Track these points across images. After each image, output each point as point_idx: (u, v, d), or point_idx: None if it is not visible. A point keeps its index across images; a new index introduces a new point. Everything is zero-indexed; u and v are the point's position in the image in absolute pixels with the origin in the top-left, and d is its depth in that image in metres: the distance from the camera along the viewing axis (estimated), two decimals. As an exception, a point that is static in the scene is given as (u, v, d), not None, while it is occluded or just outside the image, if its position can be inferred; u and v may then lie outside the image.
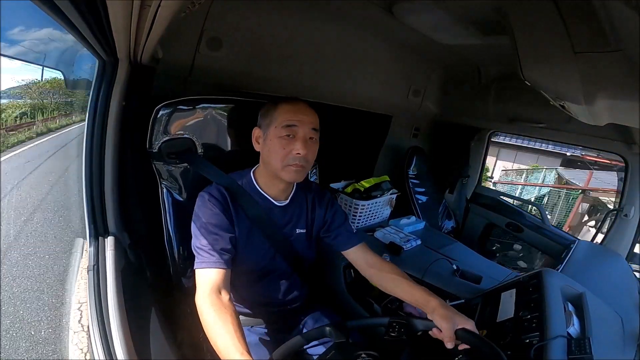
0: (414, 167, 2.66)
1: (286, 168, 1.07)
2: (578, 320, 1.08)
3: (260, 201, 1.14)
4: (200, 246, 1.02)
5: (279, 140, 1.06)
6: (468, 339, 0.91)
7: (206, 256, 1.00)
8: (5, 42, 1.40)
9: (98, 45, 0.99)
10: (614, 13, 0.54)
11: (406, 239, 1.93)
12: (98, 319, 0.91)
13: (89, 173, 1.16)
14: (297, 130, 1.06)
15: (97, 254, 1.11)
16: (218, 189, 1.10)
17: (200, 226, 1.05)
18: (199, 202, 1.09)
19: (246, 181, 1.16)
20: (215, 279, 0.98)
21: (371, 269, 1.20)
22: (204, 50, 1.35)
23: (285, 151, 1.06)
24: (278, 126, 1.07)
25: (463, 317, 0.94)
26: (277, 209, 1.17)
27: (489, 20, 1.29)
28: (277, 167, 1.08)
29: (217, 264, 1.00)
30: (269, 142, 1.08)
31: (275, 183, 1.15)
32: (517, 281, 1.32)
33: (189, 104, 1.27)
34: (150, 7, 0.68)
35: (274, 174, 1.11)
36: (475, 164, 2.95)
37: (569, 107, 1.19)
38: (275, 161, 1.08)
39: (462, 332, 0.91)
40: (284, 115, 1.07)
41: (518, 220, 2.64)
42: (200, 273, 1.00)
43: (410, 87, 2.35)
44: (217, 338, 0.85)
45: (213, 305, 0.92)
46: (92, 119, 1.14)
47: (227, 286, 1.00)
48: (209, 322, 0.89)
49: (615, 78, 0.80)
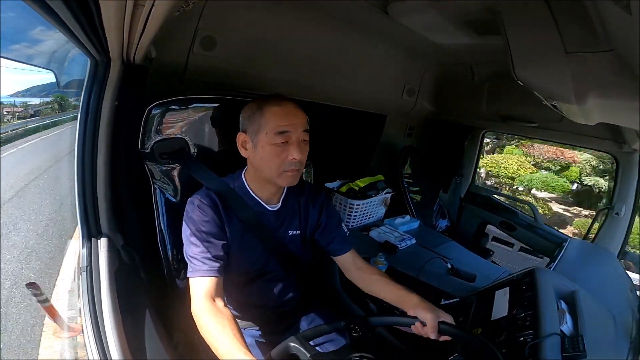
0: (409, 166, 2.67)
1: (283, 175, 1.05)
2: (571, 318, 1.10)
3: (253, 205, 1.13)
4: (193, 255, 1.01)
5: (272, 148, 1.03)
6: (450, 331, 0.95)
7: (199, 265, 0.99)
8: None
9: (90, 44, 0.98)
10: (605, 13, 0.54)
11: (401, 238, 1.94)
12: (92, 321, 0.91)
13: (81, 173, 1.15)
14: (290, 135, 1.03)
15: (90, 255, 1.10)
16: (208, 194, 1.08)
17: (191, 234, 1.03)
18: (189, 208, 1.06)
19: (238, 184, 1.14)
20: (208, 287, 0.97)
21: (359, 272, 1.22)
22: (197, 50, 1.34)
23: (281, 158, 1.03)
24: (270, 132, 1.02)
25: (442, 311, 0.98)
26: (270, 212, 1.16)
27: (483, 20, 1.29)
28: (272, 174, 1.06)
29: (209, 272, 0.99)
30: (261, 149, 1.04)
31: (267, 187, 1.14)
32: (511, 279, 1.33)
33: (182, 104, 1.26)
34: (144, 6, 0.68)
35: (267, 180, 1.10)
36: (468, 163, 2.97)
37: (560, 106, 1.20)
38: (269, 169, 1.06)
39: (444, 325, 0.96)
40: (274, 120, 1.02)
41: (511, 219, 2.67)
42: (194, 282, 0.99)
43: (405, 87, 2.36)
44: (218, 343, 0.85)
45: (210, 312, 0.92)
46: (84, 119, 1.12)
47: (220, 293, 1.00)
48: (207, 329, 0.89)
49: (606, 78, 0.80)
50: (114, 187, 1.19)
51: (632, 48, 0.60)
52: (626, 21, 0.49)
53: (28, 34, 1.41)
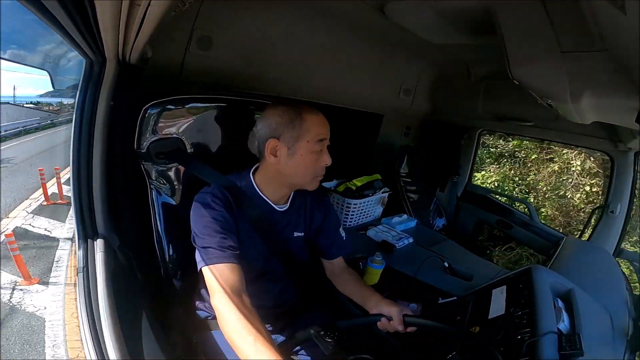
0: (406, 166, 2.68)
1: (314, 180, 1.10)
2: (568, 316, 1.10)
3: (261, 205, 1.12)
4: (208, 245, 0.96)
5: (312, 156, 1.05)
6: (415, 322, 1.03)
7: (216, 253, 0.95)
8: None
9: (85, 44, 0.97)
10: (600, 13, 0.55)
11: (398, 237, 1.95)
12: (89, 321, 0.90)
13: (76, 174, 1.14)
14: (325, 143, 1.07)
15: (87, 255, 1.09)
16: (220, 189, 1.07)
17: (205, 225, 0.99)
18: (201, 201, 1.03)
19: (246, 184, 1.13)
20: (230, 276, 0.93)
21: (342, 274, 1.29)
22: (194, 50, 1.34)
23: (317, 165, 1.07)
24: (311, 141, 1.04)
25: (402, 305, 1.06)
26: (278, 213, 1.15)
27: (479, 20, 1.30)
28: (305, 180, 1.09)
29: (230, 259, 0.96)
30: (299, 156, 1.04)
31: (280, 189, 1.13)
32: (508, 278, 1.33)
33: (178, 104, 1.26)
34: (140, 6, 0.67)
35: (290, 184, 1.11)
36: (465, 162, 2.98)
37: (555, 105, 1.20)
38: (304, 175, 1.08)
39: (408, 317, 1.03)
40: (315, 128, 1.04)
41: (508, 217, 2.68)
42: (212, 270, 0.94)
43: (401, 86, 2.36)
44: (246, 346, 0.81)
45: (238, 309, 0.86)
46: (80, 119, 1.12)
47: (244, 286, 0.96)
48: (235, 330, 0.84)
49: (600, 77, 0.81)
50: (109, 187, 1.18)
51: (627, 47, 0.60)
52: (621, 21, 0.49)
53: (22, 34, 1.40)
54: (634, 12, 0.43)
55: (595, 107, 1.05)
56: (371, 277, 1.61)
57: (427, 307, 1.45)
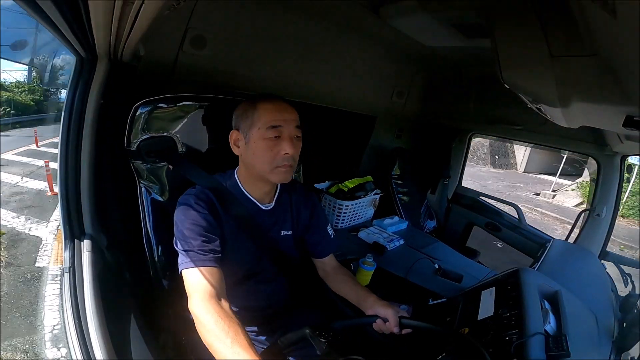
0: (397, 168, 2.69)
1: (275, 170, 1.05)
2: (554, 317, 1.12)
3: (246, 204, 1.12)
4: (189, 247, 0.96)
5: (264, 142, 1.03)
6: (411, 324, 1.04)
7: (197, 256, 0.94)
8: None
9: (76, 41, 0.95)
10: (591, 17, 0.55)
11: (389, 238, 1.96)
12: (75, 322, 0.89)
13: (64, 172, 1.12)
14: (282, 130, 1.04)
15: (73, 255, 1.07)
16: (203, 191, 1.06)
17: (187, 228, 0.98)
18: (184, 204, 1.03)
19: (231, 183, 1.13)
20: (209, 279, 0.92)
21: (331, 273, 1.29)
22: (187, 49, 1.33)
23: (273, 153, 1.03)
24: (262, 127, 1.03)
25: (397, 307, 1.06)
26: (263, 212, 1.15)
27: (472, 23, 1.31)
28: (264, 169, 1.06)
29: (209, 262, 0.95)
30: (253, 144, 1.05)
31: (260, 185, 1.13)
32: (496, 279, 1.35)
33: (169, 102, 1.25)
34: (134, 4, 0.66)
35: (260, 177, 1.09)
36: (456, 165, 3.01)
37: (545, 109, 1.22)
38: (261, 164, 1.05)
39: (404, 319, 1.04)
40: (267, 115, 1.03)
41: (497, 220, 2.71)
42: (191, 274, 0.93)
43: (394, 89, 2.38)
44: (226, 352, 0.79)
45: (216, 312, 0.85)
46: (68, 117, 1.10)
47: (224, 290, 0.94)
48: (212, 333, 0.82)
49: (589, 81, 0.82)
50: (97, 186, 1.17)
51: (616, 52, 0.61)
52: (611, 25, 0.50)
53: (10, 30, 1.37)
54: (625, 17, 0.44)
55: (584, 111, 1.06)
56: (362, 279, 1.61)
57: (418, 308, 1.46)
